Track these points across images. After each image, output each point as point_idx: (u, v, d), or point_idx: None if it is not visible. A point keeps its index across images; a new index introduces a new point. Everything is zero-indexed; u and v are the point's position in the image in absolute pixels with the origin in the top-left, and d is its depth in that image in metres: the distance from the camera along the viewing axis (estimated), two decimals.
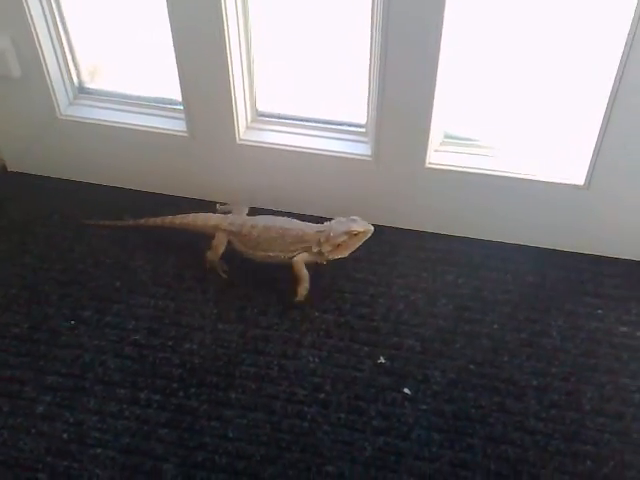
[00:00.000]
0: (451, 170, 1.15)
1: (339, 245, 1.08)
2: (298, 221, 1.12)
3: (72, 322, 1.06)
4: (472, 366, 1.02)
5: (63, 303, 1.09)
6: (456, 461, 0.90)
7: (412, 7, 0.96)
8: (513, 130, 1.16)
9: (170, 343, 1.04)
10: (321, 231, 1.08)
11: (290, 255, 1.09)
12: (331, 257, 1.09)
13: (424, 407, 0.97)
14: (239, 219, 1.13)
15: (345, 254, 1.09)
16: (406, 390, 0.99)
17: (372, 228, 1.08)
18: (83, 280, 1.13)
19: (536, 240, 1.18)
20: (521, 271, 1.15)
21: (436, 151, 1.15)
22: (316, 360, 1.03)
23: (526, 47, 1.06)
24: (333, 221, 1.10)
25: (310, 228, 1.10)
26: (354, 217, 1.09)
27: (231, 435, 0.93)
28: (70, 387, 0.97)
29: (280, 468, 0.89)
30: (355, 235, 1.07)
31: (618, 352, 1.02)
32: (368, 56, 1.07)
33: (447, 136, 1.17)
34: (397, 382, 1.00)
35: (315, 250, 1.09)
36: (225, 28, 1.04)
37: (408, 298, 1.12)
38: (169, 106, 1.22)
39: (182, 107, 1.18)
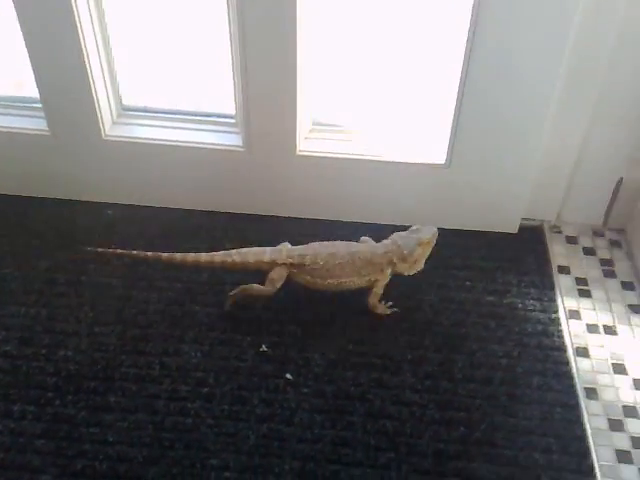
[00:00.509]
0: (321, 157, 1.16)
1: (416, 260, 1.05)
2: (357, 243, 1.07)
3: None
4: (351, 345, 1.04)
5: None
6: (337, 440, 0.93)
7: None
8: (377, 115, 1.19)
9: (44, 351, 1.01)
10: (389, 251, 1.04)
11: (365, 279, 1.04)
12: (410, 273, 1.06)
13: (306, 390, 0.99)
14: (295, 250, 1.05)
15: (421, 266, 1.06)
16: (288, 375, 1.00)
17: (436, 229, 1.05)
18: None
19: (401, 219, 1.20)
20: None
21: (306, 139, 1.17)
22: (198, 355, 1.02)
23: (382, 32, 1.09)
24: (395, 236, 1.05)
25: (376, 249, 1.05)
26: (414, 227, 1.06)
27: (111, 439, 0.91)
28: None
29: (164, 467, 0.89)
30: (427, 243, 1.04)
31: (486, 320, 1.07)
32: (229, 48, 1.06)
33: (316, 123, 1.18)
34: (279, 368, 1.01)
35: (388, 271, 1.05)
36: (78, 24, 1.02)
37: (286, 286, 1.12)
38: (27, 105, 1.17)
39: (41, 105, 1.14)
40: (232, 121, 1.18)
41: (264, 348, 1.04)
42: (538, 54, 1.00)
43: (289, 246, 1.07)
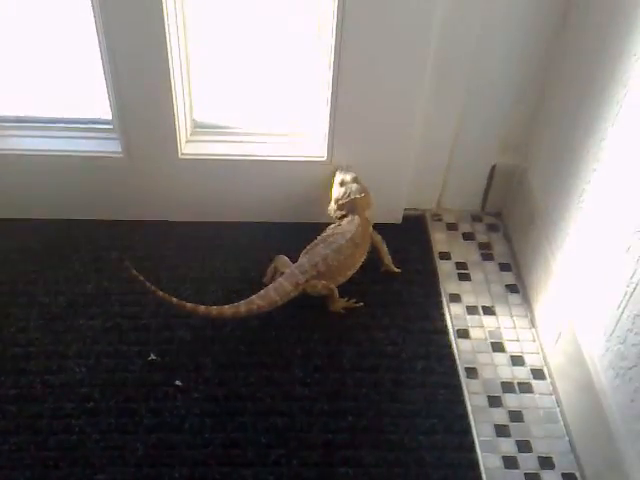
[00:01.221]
0: (204, 159, 1.15)
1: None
2: (330, 227, 1.10)
3: None
4: (242, 346, 1.04)
5: None
6: (228, 442, 0.92)
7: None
8: (258, 114, 1.19)
9: None
10: (357, 206, 1.10)
11: (365, 252, 1.10)
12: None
13: (196, 395, 0.98)
14: (303, 265, 1.05)
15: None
16: (177, 382, 0.99)
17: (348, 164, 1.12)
18: None
19: (279, 217, 1.22)
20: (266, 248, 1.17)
21: (188, 141, 1.16)
22: (83, 370, 1.00)
23: (255, 27, 1.09)
24: (343, 193, 1.11)
25: (351, 222, 1.09)
26: (336, 178, 1.13)
27: None
28: None
29: None
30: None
31: (372, 310, 1.09)
32: (99, 52, 1.03)
33: (198, 126, 1.17)
34: (168, 376, 1.00)
35: (370, 228, 1.11)
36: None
37: (177, 290, 1.11)
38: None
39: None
40: (110, 127, 1.15)
41: (153, 357, 1.02)
42: (405, 46, 1.02)
43: (291, 264, 1.07)
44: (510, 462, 0.92)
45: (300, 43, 1.13)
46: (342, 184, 1.11)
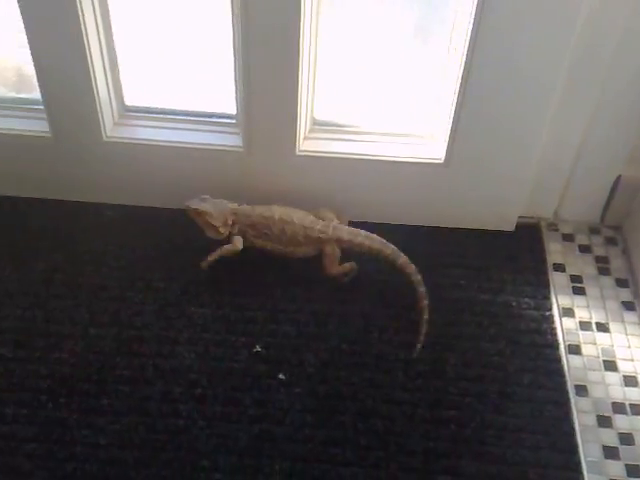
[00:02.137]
0: (321, 156, 1.16)
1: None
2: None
3: None
4: (344, 345, 1.05)
5: None
6: (328, 439, 0.93)
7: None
8: (377, 113, 1.18)
9: (38, 354, 1.02)
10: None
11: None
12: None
13: (298, 390, 0.99)
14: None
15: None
16: (281, 376, 1.01)
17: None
18: None
19: (399, 218, 1.22)
20: None
21: (306, 138, 1.17)
22: (192, 356, 1.03)
23: (381, 27, 1.08)
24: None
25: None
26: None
27: (103, 442, 0.92)
28: None
29: (154, 470, 0.90)
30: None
31: (479, 319, 1.07)
32: (231, 46, 1.06)
33: (316, 123, 1.18)
34: (272, 369, 1.02)
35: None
36: (82, 22, 1.01)
37: (285, 285, 1.13)
38: (29, 106, 1.18)
39: (43, 107, 1.14)
40: (233, 121, 1.17)
41: (258, 349, 1.04)
42: (540, 52, 0.99)
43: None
44: None
45: (428, 41, 1.11)
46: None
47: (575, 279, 1.13)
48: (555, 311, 1.08)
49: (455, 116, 1.08)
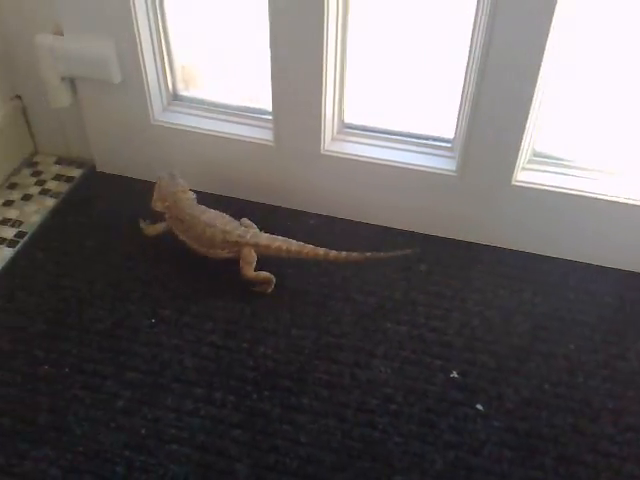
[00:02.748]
0: (537, 189, 1.14)
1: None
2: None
3: (152, 320, 1.09)
4: (547, 385, 1.00)
5: (144, 301, 1.13)
6: (527, 479, 0.89)
7: (515, 25, 0.96)
8: (605, 151, 1.14)
9: (245, 345, 1.06)
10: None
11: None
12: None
13: (496, 424, 0.96)
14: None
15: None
16: (479, 406, 0.98)
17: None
18: (164, 280, 1.16)
19: (616, 262, 1.16)
20: (600, 292, 1.14)
21: (523, 169, 1.14)
22: (388, 371, 1.03)
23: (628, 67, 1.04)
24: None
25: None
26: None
27: (303, 440, 0.94)
28: (149, 384, 1.00)
29: (350, 476, 0.90)
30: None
31: None
32: (464, 69, 1.07)
33: (535, 154, 1.15)
34: (469, 397, 0.99)
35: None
36: (324, 36, 1.06)
37: (483, 314, 1.11)
38: (257, 115, 1.25)
39: (270, 116, 1.20)
40: (448, 145, 1.18)
41: (455, 374, 1.02)
42: None
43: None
44: None
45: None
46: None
47: None
48: None
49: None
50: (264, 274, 1.14)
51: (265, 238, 1.13)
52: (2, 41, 1.28)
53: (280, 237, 1.13)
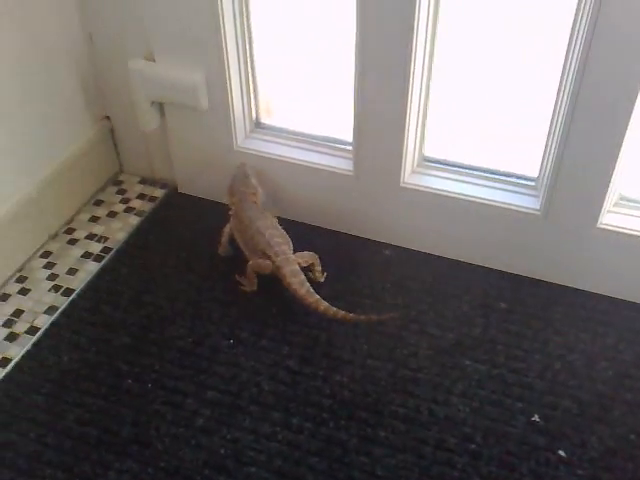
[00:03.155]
0: (624, 233, 1.11)
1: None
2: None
3: (231, 341, 1.10)
4: (632, 436, 0.97)
5: (223, 322, 1.14)
6: None
7: (607, 68, 0.95)
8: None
9: (321, 373, 1.06)
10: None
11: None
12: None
13: (580, 472, 0.93)
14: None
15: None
16: (561, 452, 0.95)
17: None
18: (242, 302, 1.17)
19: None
20: None
21: (609, 212, 1.12)
22: (467, 410, 1.01)
23: None
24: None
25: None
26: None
27: (379, 473, 0.93)
28: (228, 404, 1.01)
29: None
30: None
31: None
32: (552, 109, 1.06)
33: (621, 198, 1.13)
34: (551, 443, 0.97)
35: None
36: (410, 70, 1.06)
37: (565, 357, 1.08)
38: (338, 145, 1.26)
39: (351, 147, 1.21)
40: (532, 184, 1.17)
41: (536, 418, 1.00)
42: None
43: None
44: None
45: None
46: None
47: None
48: None
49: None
50: (251, 277, 1.17)
51: (287, 270, 1.11)
52: (94, 64, 1.33)
53: (302, 276, 1.12)
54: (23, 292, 1.21)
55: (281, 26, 1.20)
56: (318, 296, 1.09)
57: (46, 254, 1.29)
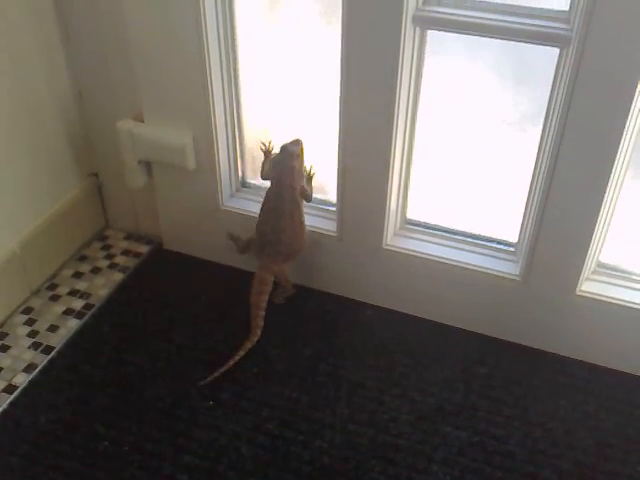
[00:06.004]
0: (602, 300, 1.12)
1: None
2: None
3: (211, 403, 1.09)
4: None
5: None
6: None
7: (584, 139, 0.98)
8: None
9: (301, 437, 1.05)
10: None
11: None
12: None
13: None
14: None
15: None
16: None
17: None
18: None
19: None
20: None
21: (588, 279, 1.14)
22: (447, 478, 1.00)
23: None
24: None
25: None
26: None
27: None
28: (206, 469, 0.99)
29: None
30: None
31: None
32: (531, 176, 1.08)
33: (600, 265, 1.15)
34: None
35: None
36: (393, 133, 1.09)
37: (545, 425, 1.08)
38: (322, 207, 1.28)
39: (335, 208, 1.23)
40: (511, 249, 1.19)
41: None
42: None
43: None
44: None
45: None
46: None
47: None
48: None
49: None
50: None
51: (264, 269, 1.19)
52: (83, 121, 1.35)
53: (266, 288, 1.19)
54: (3, 349, 1.20)
55: (269, 89, 1.22)
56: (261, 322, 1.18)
57: (28, 310, 1.28)
